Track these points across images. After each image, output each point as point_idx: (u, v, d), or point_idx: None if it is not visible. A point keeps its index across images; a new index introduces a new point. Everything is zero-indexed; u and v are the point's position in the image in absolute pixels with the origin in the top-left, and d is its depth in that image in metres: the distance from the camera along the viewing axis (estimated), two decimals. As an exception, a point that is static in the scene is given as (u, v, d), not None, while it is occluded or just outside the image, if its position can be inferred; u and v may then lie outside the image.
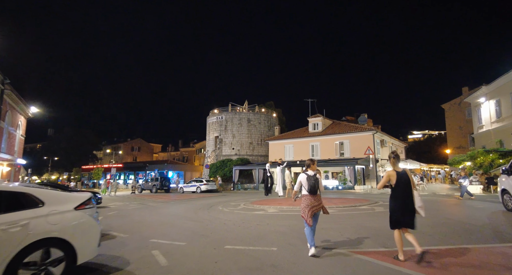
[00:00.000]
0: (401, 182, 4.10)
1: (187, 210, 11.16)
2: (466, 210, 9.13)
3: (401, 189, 4.10)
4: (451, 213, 8.45)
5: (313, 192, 4.64)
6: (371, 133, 25.59)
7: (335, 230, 6.28)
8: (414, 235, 4.10)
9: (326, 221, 7.10)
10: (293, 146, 30.29)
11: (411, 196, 4.10)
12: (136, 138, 75.36)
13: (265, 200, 13.65)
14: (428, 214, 8.55)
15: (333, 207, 9.80)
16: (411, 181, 4.15)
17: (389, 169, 4.37)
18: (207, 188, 26.58)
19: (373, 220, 7.45)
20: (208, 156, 37.63)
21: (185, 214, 9.83)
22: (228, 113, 36.73)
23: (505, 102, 24.89)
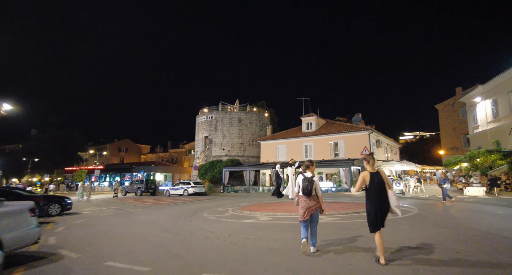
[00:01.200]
0: (374, 183, 4.12)
1: (168, 217, 9.73)
2: (487, 217, 8.01)
3: (374, 189, 4.11)
4: (473, 222, 7.31)
5: (306, 194, 4.66)
6: (366, 132, 24.61)
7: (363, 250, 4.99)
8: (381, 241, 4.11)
9: (334, 232, 5.82)
10: (285, 146, 29.09)
11: (385, 196, 4.10)
12: (123, 139, 72.96)
13: (257, 205, 12.32)
14: (447, 223, 7.41)
15: (333, 214, 8.55)
16: (385, 181, 4.14)
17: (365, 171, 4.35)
18: (194, 191, 25.07)
19: (396, 233, 6.22)
20: (197, 157, 36.07)
21: (163, 223, 8.41)
22: (218, 112, 35.30)
23: (502, 101, 24.30)
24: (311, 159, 5.14)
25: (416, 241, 5.17)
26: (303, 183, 4.71)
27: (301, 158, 27.60)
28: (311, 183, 4.68)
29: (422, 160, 44.72)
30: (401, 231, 6.11)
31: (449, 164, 28.55)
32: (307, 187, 4.66)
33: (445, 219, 7.46)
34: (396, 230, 6.16)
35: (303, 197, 4.74)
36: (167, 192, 27.08)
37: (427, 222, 7.18)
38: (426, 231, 6.01)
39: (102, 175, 48.52)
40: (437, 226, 6.37)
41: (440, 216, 8.08)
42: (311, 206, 4.67)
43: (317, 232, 4.96)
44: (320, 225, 5.42)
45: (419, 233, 5.88)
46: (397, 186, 18.87)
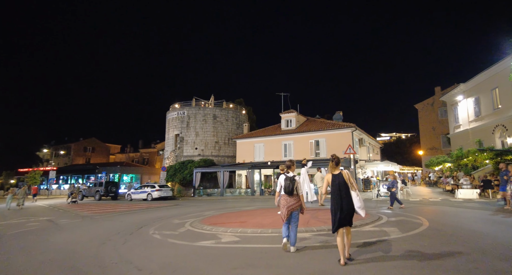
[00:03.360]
0: (335, 184, 4.20)
1: (97, 236, 7.07)
2: (506, 228, 6.15)
3: (336, 190, 4.18)
4: (495, 235, 5.40)
5: (288, 192, 4.79)
6: (349, 130, 22.95)
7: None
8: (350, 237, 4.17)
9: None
10: (263, 145, 26.86)
11: (347, 197, 4.12)
12: (90, 137, 67.64)
13: (225, 215, 9.89)
14: (464, 236, 5.56)
15: (323, 230, 6.32)
16: (349, 182, 4.16)
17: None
18: (160, 195, 22.14)
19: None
20: (166, 157, 32.95)
21: (81, 248, 5.78)
22: (191, 108, 32.43)
23: (485, 100, 23.59)
24: (291, 159, 5.26)
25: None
26: (285, 182, 4.82)
27: (280, 158, 25.50)
28: (293, 182, 4.79)
29: (401, 161, 44.36)
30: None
31: (431, 165, 27.71)
32: (288, 186, 4.77)
33: (460, 231, 5.43)
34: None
35: (284, 196, 4.85)
36: (128, 196, 23.91)
37: (455, 247, 5.08)
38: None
39: (63, 177, 43.99)
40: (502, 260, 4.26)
41: (447, 225, 6.08)
42: (291, 205, 4.77)
43: None
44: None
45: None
46: (384, 188, 17.20)
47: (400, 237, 5.51)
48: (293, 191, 4.76)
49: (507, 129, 20.75)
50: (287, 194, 4.78)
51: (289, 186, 4.75)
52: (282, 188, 4.83)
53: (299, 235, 5.63)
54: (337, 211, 4.11)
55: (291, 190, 4.74)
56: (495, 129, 22.00)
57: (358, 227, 6.57)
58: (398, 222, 7.13)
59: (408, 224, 6.82)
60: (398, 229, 6.24)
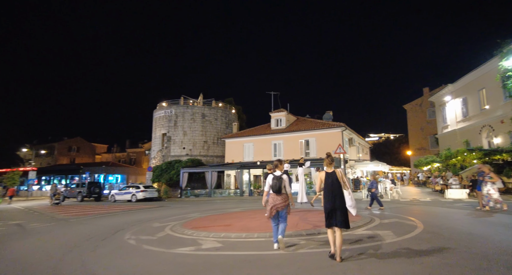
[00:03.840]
0: (328, 182, 4.23)
1: (67, 242, 6.41)
2: (503, 230, 5.85)
3: (328, 188, 4.21)
4: (493, 238, 5.07)
5: (276, 191, 4.82)
6: (339, 130, 22.72)
7: None
8: (341, 239, 4.06)
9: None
10: (253, 144, 26.36)
11: (340, 195, 4.15)
12: (75, 137, 65.65)
13: (210, 217, 9.34)
14: (462, 240, 4.67)
15: (313, 234, 5.87)
16: (341, 181, 4.20)
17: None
18: (144, 196, 21.34)
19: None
20: (153, 157, 32.04)
21: (41, 258, 5.13)
22: (179, 107, 31.64)
23: (472, 101, 23.79)
24: (280, 159, 5.35)
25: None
26: (273, 181, 4.87)
27: (269, 158, 25.06)
28: (280, 180, 4.82)
29: (390, 161, 44.67)
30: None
31: (420, 165, 27.80)
32: (275, 185, 4.82)
33: (474, 238, 5.07)
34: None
35: (272, 195, 4.90)
36: (112, 198, 22.99)
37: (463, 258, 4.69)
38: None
39: (46, 178, 42.29)
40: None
41: (454, 231, 5.73)
42: (277, 204, 4.80)
43: None
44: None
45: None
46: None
47: (395, 242, 5.09)
48: (281, 189, 4.82)
49: (494, 130, 20.92)
50: (274, 192, 4.86)
51: (277, 184, 4.82)
52: (270, 187, 4.90)
53: (287, 240, 5.18)
54: (330, 208, 4.15)
55: (278, 188, 4.81)
56: (482, 129, 22.18)
57: (351, 230, 6.14)
58: (391, 225, 6.75)
59: (403, 227, 6.44)
60: (392, 232, 5.84)
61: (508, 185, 16.05)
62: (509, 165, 16.99)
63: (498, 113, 20.38)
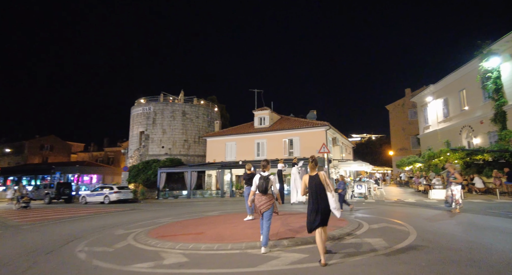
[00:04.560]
0: (312, 185, 4.24)
1: (3, 257, 5.30)
2: (502, 236, 5.37)
3: (312, 191, 4.22)
4: (496, 247, 4.54)
5: (262, 191, 4.84)
6: (323, 129, 22.27)
7: None
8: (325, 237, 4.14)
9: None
10: (235, 143, 25.47)
11: (323, 197, 4.16)
12: (48, 135, 62.19)
13: (181, 223, 8.40)
14: (463, 250, 3.71)
15: (296, 244, 5.11)
16: (325, 183, 4.19)
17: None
18: (118, 198, 19.96)
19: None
20: (130, 156, 30.44)
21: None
22: (158, 104, 30.23)
23: (453, 101, 24.05)
24: (266, 159, 5.47)
25: None
26: (259, 181, 4.89)
27: (252, 157, 24.27)
28: (267, 181, 4.86)
29: (371, 161, 45.07)
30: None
31: (402, 165, 27.89)
32: (262, 184, 4.85)
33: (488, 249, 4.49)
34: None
35: (258, 194, 4.91)
36: (83, 199, 21.40)
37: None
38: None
39: (14, 178, 39.46)
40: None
41: (468, 245, 5.17)
42: (263, 203, 4.82)
43: None
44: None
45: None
46: (358, 189, 16.59)
47: (389, 253, 4.42)
48: (267, 190, 4.84)
49: (473, 130, 21.16)
50: (261, 192, 4.87)
51: (263, 185, 4.84)
52: (256, 187, 4.90)
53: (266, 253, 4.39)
54: (313, 212, 4.17)
55: (264, 188, 4.83)
56: (462, 129, 22.42)
57: (337, 240, 5.44)
58: (382, 231, 6.11)
59: (394, 233, 5.81)
60: (384, 240, 5.18)
61: (488, 185, 16.10)
62: (488, 165, 17.09)
63: (478, 113, 20.61)
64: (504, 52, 18.20)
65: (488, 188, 15.95)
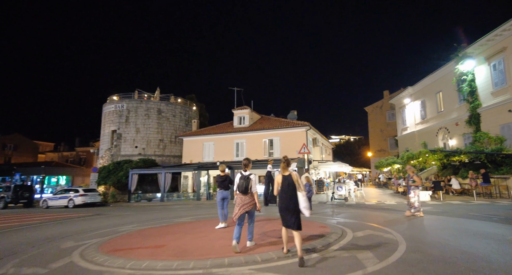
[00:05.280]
0: (285, 185, 4.37)
1: None
2: (497, 245, 4.90)
3: (284, 190, 4.36)
4: (495, 259, 4.04)
5: (242, 191, 4.88)
6: (304, 129, 21.81)
7: None
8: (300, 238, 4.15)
9: None
10: (213, 143, 24.46)
11: (294, 197, 4.29)
12: (12, 133, 57.92)
13: (144, 231, 7.39)
14: (461, 262, 3.67)
15: (271, 259, 4.34)
16: (296, 183, 4.33)
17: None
18: (84, 201, 18.37)
19: None
20: (101, 156, 28.56)
21: None
22: (132, 101, 28.59)
23: (430, 103, 24.45)
24: (248, 158, 5.42)
25: None
26: (240, 181, 4.94)
27: (231, 158, 23.38)
28: (247, 180, 4.89)
29: (350, 162, 45.53)
30: None
31: (380, 166, 28.12)
32: (242, 184, 4.87)
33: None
34: None
35: (239, 195, 4.94)
36: (44, 203, 19.54)
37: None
38: None
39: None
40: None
41: (465, 257, 4.62)
42: (246, 203, 4.86)
43: None
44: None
45: None
46: (338, 191, 16.16)
47: (380, 270, 3.74)
48: (248, 190, 4.85)
49: (449, 132, 21.51)
50: (241, 192, 4.88)
51: (243, 184, 4.84)
52: (237, 187, 4.92)
53: (234, 271, 3.57)
54: (284, 210, 4.31)
55: (245, 188, 4.83)
56: (439, 131, 22.78)
57: (319, 252, 4.73)
58: (368, 240, 5.48)
59: (382, 243, 5.19)
60: (372, 253, 4.53)
61: (464, 186, 16.24)
62: (464, 166, 17.29)
63: (454, 115, 20.97)
64: (479, 55, 18.56)
65: (464, 189, 16.09)
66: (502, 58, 16.94)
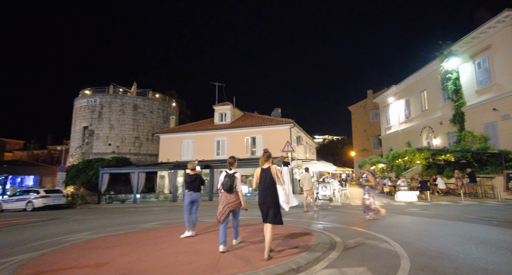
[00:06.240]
0: (263, 178, 4.30)
1: None
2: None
3: (262, 184, 4.28)
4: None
5: (227, 190, 4.79)
6: (288, 126, 20.92)
7: None
8: (271, 235, 4.09)
9: None
10: (193, 141, 23.11)
11: (273, 191, 4.21)
12: (-25, 130, 53.75)
13: (92, 242, 6.11)
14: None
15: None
16: (275, 177, 4.22)
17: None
18: (45, 203, 16.58)
19: None
20: (71, 154, 26.49)
21: None
22: (106, 95, 26.70)
23: (414, 102, 24.22)
24: (233, 156, 5.23)
25: None
26: (224, 179, 4.84)
27: (212, 156, 22.14)
28: (232, 179, 4.79)
29: (333, 161, 45.27)
30: None
31: (364, 165, 27.75)
32: (227, 183, 4.77)
33: None
34: None
35: (224, 193, 4.86)
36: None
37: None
38: None
39: None
40: None
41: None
42: (231, 202, 4.79)
43: None
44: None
45: None
46: (323, 191, 15.34)
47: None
48: (232, 188, 4.79)
49: (433, 131, 21.28)
50: (226, 191, 4.81)
51: (228, 183, 4.76)
52: (221, 185, 4.83)
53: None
54: (262, 204, 4.24)
55: (229, 187, 4.76)
56: (423, 130, 22.54)
57: (304, 271, 3.69)
58: (362, 252, 4.52)
59: (379, 255, 4.24)
60: (370, 270, 3.54)
61: (450, 186, 15.88)
62: (449, 166, 16.96)
63: (438, 114, 20.74)
64: (463, 53, 18.32)
65: (450, 189, 15.71)
66: (487, 56, 16.72)
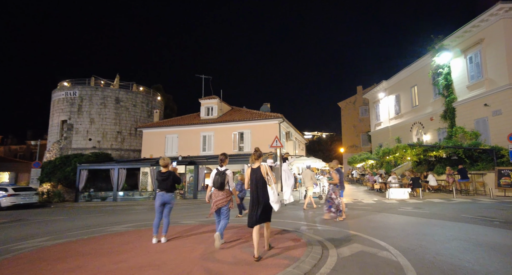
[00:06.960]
0: (253, 178, 4.24)
1: None
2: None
3: (253, 183, 4.22)
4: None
5: (217, 187, 4.73)
6: (277, 121, 20.22)
7: None
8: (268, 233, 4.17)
9: None
10: (177, 136, 22.11)
11: (263, 191, 4.15)
12: None
13: (38, 253, 5.23)
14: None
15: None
16: (266, 176, 4.16)
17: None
18: (14, 202, 15.34)
19: None
20: (48, 150, 25.06)
21: None
22: (86, 88, 25.27)
23: (404, 98, 23.92)
24: (225, 153, 5.12)
25: None
26: (215, 176, 4.78)
27: (197, 152, 21.24)
28: (223, 176, 4.73)
29: (323, 158, 45.04)
30: None
31: (354, 162, 27.40)
32: (217, 180, 4.73)
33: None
34: None
35: (215, 191, 4.82)
36: (-36, 206, 16.15)
37: None
38: None
39: None
40: None
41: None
42: (219, 199, 4.73)
43: None
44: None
45: None
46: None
47: None
48: (223, 185, 4.74)
49: (424, 127, 21.03)
50: (216, 188, 4.75)
51: (218, 180, 4.71)
52: (212, 182, 4.79)
53: None
54: (255, 206, 4.13)
55: (220, 184, 4.71)
56: (413, 126, 22.28)
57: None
58: (359, 263, 3.84)
59: (380, 267, 3.59)
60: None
61: (440, 183, 15.60)
62: (439, 162, 16.68)
63: (428, 110, 20.46)
64: (455, 48, 17.99)
65: (441, 186, 15.42)
66: (478, 51, 16.41)
